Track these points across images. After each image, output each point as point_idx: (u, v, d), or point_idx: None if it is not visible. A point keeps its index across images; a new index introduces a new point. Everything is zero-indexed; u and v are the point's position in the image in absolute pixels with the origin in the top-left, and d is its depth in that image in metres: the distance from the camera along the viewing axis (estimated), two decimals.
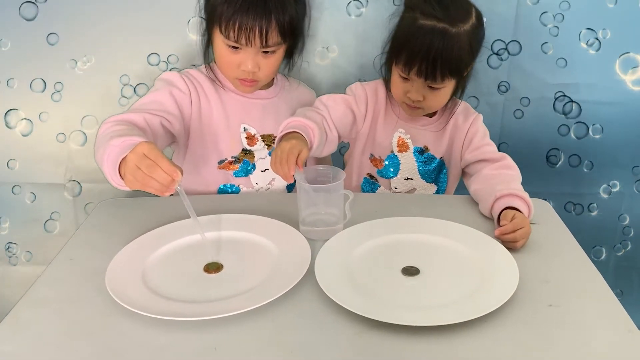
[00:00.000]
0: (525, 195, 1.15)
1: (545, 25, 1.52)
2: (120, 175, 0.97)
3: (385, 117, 1.36)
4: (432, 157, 1.37)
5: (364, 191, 1.40)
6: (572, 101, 1.60)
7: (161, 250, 1.03)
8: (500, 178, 1.22)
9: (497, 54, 1.55)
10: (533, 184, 1.25)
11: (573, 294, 0.92)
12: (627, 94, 1.58)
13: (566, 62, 1.56)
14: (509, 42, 1.54)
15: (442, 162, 1.38)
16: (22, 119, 1.58)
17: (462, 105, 1.38)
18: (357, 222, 1.10)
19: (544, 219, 1.16)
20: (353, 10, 1.52)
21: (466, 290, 0.91)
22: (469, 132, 1.35)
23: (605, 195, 1.69)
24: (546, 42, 1.54)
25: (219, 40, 1.22)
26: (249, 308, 0.84)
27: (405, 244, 1.04)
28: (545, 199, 1.27)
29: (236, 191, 1.35)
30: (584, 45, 1.54)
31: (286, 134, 1.15)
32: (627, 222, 1.72)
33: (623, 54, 1.54)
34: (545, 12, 1.51)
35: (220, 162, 1.33)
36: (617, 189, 1.68)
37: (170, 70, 1.49)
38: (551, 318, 0.86)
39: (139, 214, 1.18)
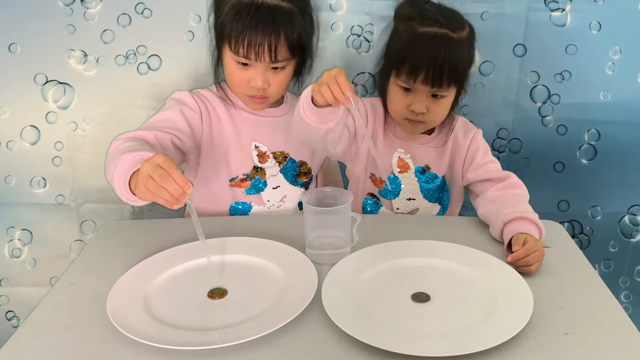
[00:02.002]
0: (535, 216, 1.12)
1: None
2: (131, 190, 0.97)
3: (384, 136, 1.34)
4: (434, 176, 1.34)
5: (365, 211, 1.37)
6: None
7: (164, 274, 1.00)
8: (507, 200, 1.19)
9: None
10: None
11: (589, 321, 0.89)
12: None
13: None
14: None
15: (444, 180, 1.35)
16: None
17: (460, 121, 1.36)
18: (365, 245, 1.07)
19: (557, 242, 1.13)
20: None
21: (479, 317, 0.88)
22: (470, 150, 1.32)
23: None
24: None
25: (228, 57, 1.23)
26: (253, 337, 0.82)
27: (415, 269, 1.01)
28: None
29: (248, 209, 1.34)
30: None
31: None
32: None
33: None
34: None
35: (232, 180, 1.32)
36: None
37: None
38: (567, 347, 0.83)
39: (142, 237, 1.16)
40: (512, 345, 0.81)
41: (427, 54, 1.16)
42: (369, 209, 1.37)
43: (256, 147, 1.33)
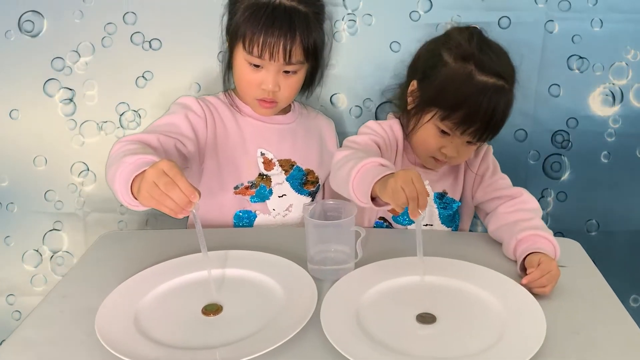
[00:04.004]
0: (549, 233, 1.07)
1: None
2: (133, 194, 0.93)
3: (402, 162, 1.28)
4: (452, 201, 1.29)
5: None
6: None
7: (158, 288, 0.96)
8: (519, 216, 1.14)
9: None
10: None
11: (606, 348, 0.83)
12: None
13: None
14: None
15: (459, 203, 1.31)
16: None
17: None
18: (369, 261, 1.03)
19: (573, 261, 1.08)
20: None
21: (487, 341, 0.82)
22: (480, 169, 1.28)
23: None
24: None
25: (240, 59, 1.22)
26: (246, 358, 0.77)
27: (421, 287, 0.96)
28: None
29: (252, 217, 1.31)
30: None
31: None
32: None
33: None
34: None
35: (236, 188, 1.29)
36: None
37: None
38: None
39: (141, 248, 1.12)
40: None
41: (485, 109, 1.09)
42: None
43: (262, 154, 1.31)
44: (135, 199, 0.93)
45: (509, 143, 1.50)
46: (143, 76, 1.45)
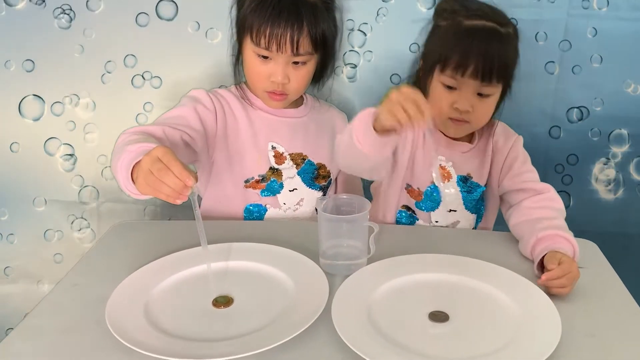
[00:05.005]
0: (570, 235, 1.05)
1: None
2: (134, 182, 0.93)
3: (424, 144, 1.26)
4: (476, 185, 1.27)
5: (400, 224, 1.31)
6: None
7: (169, 279, 0.96)
8: (543, 213, 1.11)
9: None
10: None
11: (622, 351, 0.82)
12: None
13: None
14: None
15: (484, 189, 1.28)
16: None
17: (501, 126, 1.29)
18: (383, 257, 1.01)
19: (590, 262, 1.06)
20: None
21: (500, 342, 0.80)
22: (509, 157, 1.26)
23: None
24: None
25: (249, 51, 1.21)
26: (255, 351, 0.77)
27: (435, 285, 0.95)
28: None
29: (263, 211, 1.30)
30: None
31: None
32: None
33: None
34: None
35: (247, 181, 1.29)
36: None
37: None
38: None
39: (152, 239, 1.12)
40: None
41: (477, 46, 1.10)
42: (403, 222, 1.30)
43: (273, 147, 1.30)
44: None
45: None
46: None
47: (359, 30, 1.48)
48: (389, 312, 0.88)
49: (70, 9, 1.46)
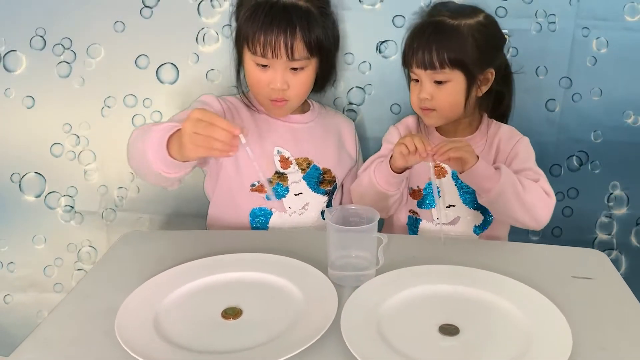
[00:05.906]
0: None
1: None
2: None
3: None
4: None
5: (408, 229, 1.33)
6: None
7: (178, 291, 0.96)
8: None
9: None
10: None
11: None
12: None
13: None
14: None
15: None
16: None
17: (506, 128, 1.32)
18: (391, 268, 1.01)
19: (600, 273, 1.05)
20: None
21: (511, 355, 0.80)
22: (510, 155, 1.28)
23: None
24: None
25: (248, 61, 1.24)
26: None
27: (445, 297, 0.94)
28: None
29: (268, 215, 1.31)
30: None
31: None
32: None
33: None
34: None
35: (253, 185, 1.30)
36: None
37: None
38: None
39: (161, 249, 1.12)
40: None
41: (419, 40, 1.21)
42: (410, 225, 1.33)
43: (279, 152, 1.31)
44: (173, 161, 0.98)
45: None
46: None
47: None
48: (399, 325, 0.87)
49: None
